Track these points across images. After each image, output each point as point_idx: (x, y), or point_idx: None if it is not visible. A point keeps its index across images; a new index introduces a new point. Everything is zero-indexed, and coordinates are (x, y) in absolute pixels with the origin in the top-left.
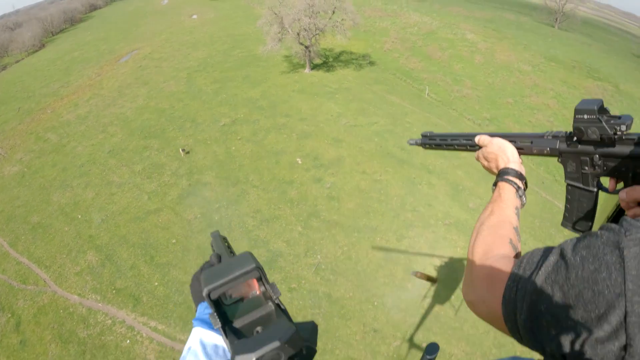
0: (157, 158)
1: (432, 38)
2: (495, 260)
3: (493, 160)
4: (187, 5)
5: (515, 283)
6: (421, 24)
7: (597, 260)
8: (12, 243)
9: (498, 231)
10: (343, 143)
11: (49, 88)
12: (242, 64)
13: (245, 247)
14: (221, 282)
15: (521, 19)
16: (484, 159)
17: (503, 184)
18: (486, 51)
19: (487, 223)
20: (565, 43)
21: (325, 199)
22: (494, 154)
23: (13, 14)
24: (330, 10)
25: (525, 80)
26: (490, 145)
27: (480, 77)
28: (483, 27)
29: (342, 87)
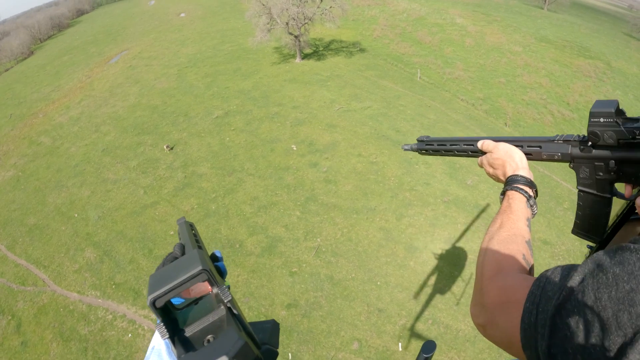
0: (151, 153)
1: (421, 24)
2: (509, 279)
3: (500, 167)
4: (174, 5)
5: (535, 305)
6: (410, 11)
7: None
8: (9, 246)
9: (509, 246)
10: (337, 128)
11: (40, 93)
12: (233, 58)
13: (244, 233)
14: (165, 289)
15: (510, 2)
16: (489, 166)
17: (513, 192)
18: (476, 34)
19: (497, 237)
20: (555, 24)
21: (322, 183)
22: (501, 160)
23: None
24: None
25: (517, 61)
26: (495, 151)
27: (471, 59)
28: (472, 11)
29: (333, 74)
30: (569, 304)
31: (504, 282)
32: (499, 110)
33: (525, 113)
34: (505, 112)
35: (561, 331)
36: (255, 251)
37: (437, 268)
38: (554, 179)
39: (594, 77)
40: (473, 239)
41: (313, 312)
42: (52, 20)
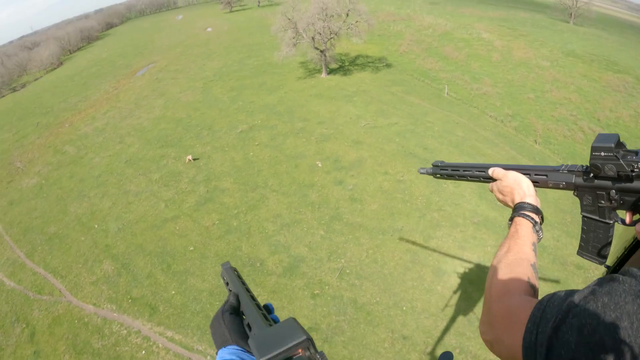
0: (174, 166)
1: (447, 39)
2: (515, 301)
3: (508, 194)
4: (201, 19)
5: (536, 326)
6: (435, 26)
7: (619, 308)
8: (28, 254)
9: (516, 269)
10: (363, 145)
11: (67, 103)
12: (258, 72)
13: (266, 252)
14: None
15: (535, 17)
16: (499, 192)
17: (520, 219)
18: (503, 49)
19: (505, 261)
20: (582, 38)
21: (347, 201)
22: (510, 187)
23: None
24: (344, 13)
25: (545, 76)
26: (505, 179)
27: (499, 74)
28: (498, 26)
29: (359, 89)
30: (564, 327)
31: (509, 303)
32: (529, 127)
33: (556, 130)
34: (535, 129)
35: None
36: (277, 271)
37: (466, 293)
38: None
39: (624, 92)
40: None
41: (335, 337)
42: (81, 32)
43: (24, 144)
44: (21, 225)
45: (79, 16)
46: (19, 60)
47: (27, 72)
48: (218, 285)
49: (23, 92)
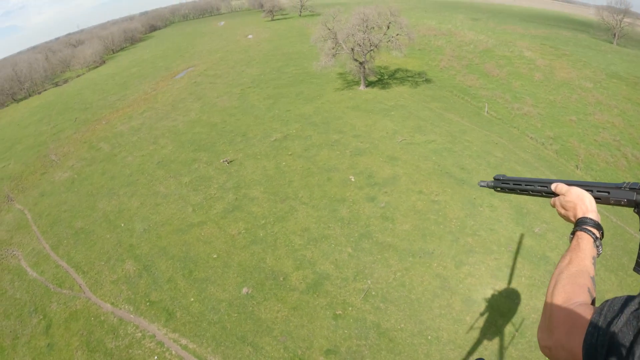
0: (205, 171)
1: (488, 55)
2: (575, 308)
3: (571, 209)
4: (243, 26)
5: (597, 329)
6: (477, 42)
7: None
8: (54, 246)
9: (577, 280)
10: (399, 161)
11: (106, 101)
12: (296, 81)
13: (291, 266)
14: None
15: (578, 36)
16: (562, 207)
17: (582, 233)
18: (545, 68)
19: (567, 272)
20: (626, 59)
21: (378, 219)
22: (573, 202)
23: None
24: (384, 26)
25: (588, 98)
26: (568, 194)
27: (540, 94)
28: (540, 44)
29: (397, 104)
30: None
31: (571, 311)
32: (570, 151)
33: (598, 155)
34: (576, 154)
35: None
36: (300, 287)
37: (496, 327)
38: (627, 230)
39: None
40: (538, 296)
41: None
42: (125, 33)
43: (61, 137)
44: (50, 217)
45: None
46: (63, 57)
47: (70, 69)
48: (238, 297)
49: (65, 88)
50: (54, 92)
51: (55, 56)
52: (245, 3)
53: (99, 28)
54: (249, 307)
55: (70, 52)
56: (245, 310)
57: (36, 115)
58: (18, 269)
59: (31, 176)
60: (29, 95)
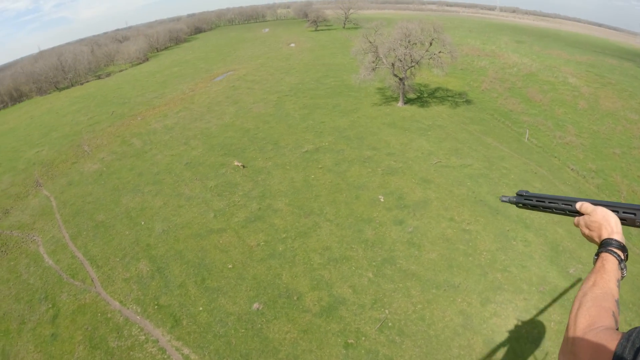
0: (231, 176)
1: (532, 80)
2: (600, 333)
3: (596, 229)
4: (286, 35)
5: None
6: (521, 65)
7: None
8: (73, 236)
9: (602, 303)
10: (432, 184)
11: (144, 97)
12: (334, 93)
13: (306, 286)
14: None
15: (624, 65)
16: (586, 227)
17: (607, 255)
18: (590, 96)
19: (591, 294)
20: None
21: (404, 245)
22: (598, 223)
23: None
24: (427, 42)
25: (633, 130)
26: (593, 214)
27: (584, 123)
28: (585, 71)
29: (435, 124)
30: None
31: (596, 336)
32: (612, 187)
33: None
34: (618, 190)
35: None
36: (313, 309)
37: None
38: None
39: None
40: None
41: None
42: (170, 33)
43: (96, 129)
44: (73, 207)
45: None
46: (108, 51)
47: (114, 63)
48: (248, 312)
49: (106, 81)
50: (95, 85)
51: (101, 50)
52: (290, 12)
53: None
54: (257, 324)
55: (116, 47)
56: (253, 327)
57: (75, 105)
58: (35, 255)
59: (62, 164)
60: (71, 85)
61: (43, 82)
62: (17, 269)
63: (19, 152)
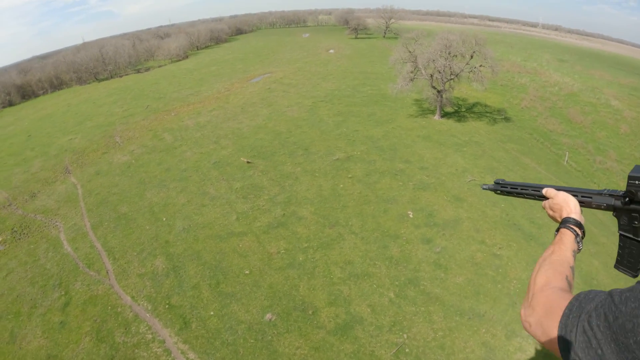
0: (258, 179)
1: (573, 100)
2: (555, 292)
3: (558, 210)
4: (326, 40)
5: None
6: (562, 84)
7: (638, 300)
8: (94, 226)
9: (558, 268)
10: (464, 203)
11: (180, 93)
12: (370, 101)
13: (323, 300)
14: None
15: None
16: (550, 209)
17: (565, 230)
18: (632, 121)
19: (549, 260)
20: None
21: (430, 266)
22: (559, 205)
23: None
24: (468, 55)
25: None
26: (556, 197)
27: (625, 149)
28: (628, 94)
29: (472, 140)
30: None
31: (550, 293)
32: None
33: None
34: None
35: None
36: (328, 325)
37: None
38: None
39: None
40: None
41: None
42: (211, 32)
43: (129, 121)
44: (98, 197)
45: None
46: (149, 46)
47: (154, 58)
48: (260, 322)
49: (145, 75)
50: (133, 78)
51: (142, 45)
52: (331, 19)
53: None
54: (268, 335)
55: (157, 43)
56: (263, 338)
57: (112, 97)
58: (55, 241)
59: (92, 153)
60: (110, 77)
61: (83, 72)
62: (36, 253)
63: (52, 138)
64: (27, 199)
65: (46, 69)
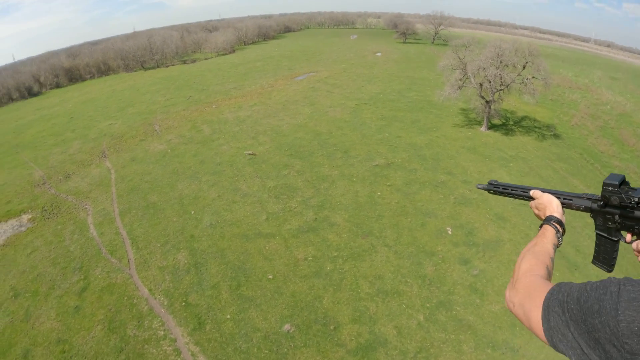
0: (293, 180)
1: (626, 121)
2: (536, 278)
3: (542, 209)
4: (373, 43)
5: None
6: (614, 104)
7: (605, 289)
8: (122, 212)
9: (540, 257)
10: (507, 223)
11: (223, 86)
12: (414, 107)
13: (347, 316)
14: None
15: None
16: (536, 208)
17: (547, 226)
18: None
19: (532, 250)
20: None
21: (465, 289)
22: (544, 204)
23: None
24: (520, 65)
25: None
26: (541, 198)
27: None
28: None
29: (518, 155)
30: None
31: (532, 278)
32: None
33: None
34: None
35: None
36: (349, 344)
37: None
38: None
39: None
40: None
41: None
42: (259, 28)
43: (170, 111)
44: (130, 184)
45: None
46: (197, 39)
47: (201, 51)
48: (277, 332)
49: (190, 67)
50: (179, 69)
51: (190, 37)
52: (380, 22)
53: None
54: (284, 347)
55: (204, 36)
56: (279, 350)
57: (156, 86)
58: (82, 224)
59: (130, 140)
60: (156, 66)
61: (130, 60)
62: (62, 234)
63: (93, 122)
64: (61, 179)
65: (94, 55)
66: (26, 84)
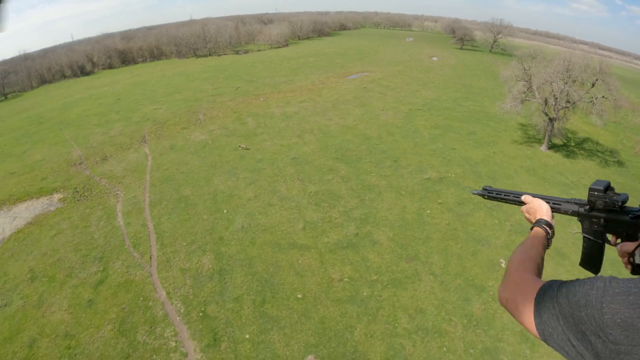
0: (337, 186)
1: None
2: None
3: (533, 213)
4: (430, 47)
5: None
6: None
7: (592, 284)
8: (152, 203)
9: (530, 255)
10: (566, 260)
11: (273, 80)
12: (471, 118)
13: (378, 354)
14: None
15: None
16: (527, 212)
17: (537, 228)
18: None
19: (524, 248)
20: None
21: (515, 336)
22: (534, 209)
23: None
24: (589, 82)
25: None
26: (532, 203)
27: None
28: None
29: (580, 182)
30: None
31: (524, 275)
32: None
33: None
34: None
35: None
36: None
37: None
38: None
39: None
40: None
41: None
42: (315, 24)
43: (216, 100)
44: (165, 172)
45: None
46: (251, 30)
47: (254, 42)
48: None
49: (242, 57)
50: (230, 59)
51: (244, 28)
52: (437, 26)
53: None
54: None
55: (259, 28)
56: None
57: (206, 74)
58: (111, 210)
59: (173, 127)
60: (208, 55)
61: (183, 47)
62: (89, 219)
63: (139, 105)
64: (97, 161)
65: (148, 39)
66: (79, 63)
